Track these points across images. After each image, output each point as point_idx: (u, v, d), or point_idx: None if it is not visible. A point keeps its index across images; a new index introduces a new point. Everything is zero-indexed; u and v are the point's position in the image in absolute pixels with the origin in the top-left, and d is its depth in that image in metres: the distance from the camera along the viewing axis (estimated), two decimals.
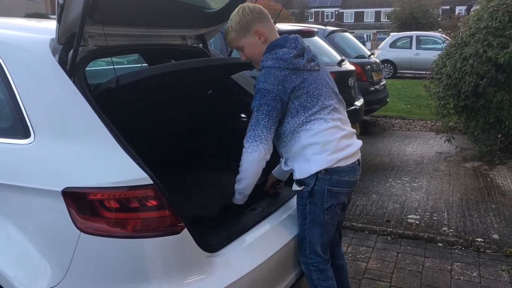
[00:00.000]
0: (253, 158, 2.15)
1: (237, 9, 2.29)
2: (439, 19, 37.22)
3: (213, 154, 3.18)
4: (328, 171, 2.19)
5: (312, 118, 2.18)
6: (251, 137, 2.14)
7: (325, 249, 2.35)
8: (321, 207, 2.25)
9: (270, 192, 2.68)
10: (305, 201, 2.29)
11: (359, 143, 2.32)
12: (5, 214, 1.87)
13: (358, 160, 2.32)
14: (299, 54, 2.22)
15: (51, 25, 2.45)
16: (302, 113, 2.17)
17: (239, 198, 2.37)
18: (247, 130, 2.17)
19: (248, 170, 2.21)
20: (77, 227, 1.73)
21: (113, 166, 1.78)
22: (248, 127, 2.17)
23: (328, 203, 2.24)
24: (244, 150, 2.18)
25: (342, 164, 2.21)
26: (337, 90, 2.40)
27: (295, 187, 2.32)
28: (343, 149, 2.22)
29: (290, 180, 2.53)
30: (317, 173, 2.19)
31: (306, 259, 2.35)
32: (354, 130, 2.38)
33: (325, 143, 2.18)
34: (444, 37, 14.23)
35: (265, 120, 2.13)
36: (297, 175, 2.28)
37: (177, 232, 1.81)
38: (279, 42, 2.26)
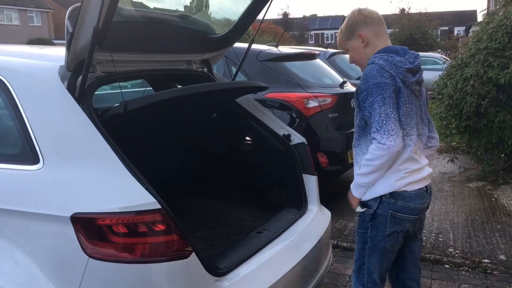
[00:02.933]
0: (392, 152, 2.02)
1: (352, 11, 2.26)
2: (438, 40, 37.51)
3: (218, 177, 3.19)
4: (393, 194, 2.13)
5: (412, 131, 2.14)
6: (386, 132, 2.01)
7: (383, 278, 2.27)
8: (383, 233, 2.17)
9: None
10: (367, 224, 2.21)
11: (429, 169, 2.27)
12: (13, 239, 1.87)
13: (427, 186, 2.25)
14: (413, 71, 2.18)
15: (57, 51, 2.50)
16: None
17: (361, 192, 2.20)
18: (375, 126, 2.04)
19: (384, 164, 2.07)
20: (86, 253, 1.73)
21: (121, 191, 1.79)
22: (376, 123, 2.04)
23: (390, 229, 2.16)
24: (379, 146, 2.02)
25: (409, 188, 2.14)
26: (429, 117, 2.38)
27: (358, 208, 2.25)
28: (412, 174, 2.15)
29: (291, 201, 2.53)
30: (381, 196, 2.13)
31: (364, 287, 2.27)
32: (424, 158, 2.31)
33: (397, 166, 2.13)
34: (444, 58, 14.36)
35: (394, 113, 2.04)
36: (361, 195, 2.23)
37: (185, 257, 1.81)
38: (398, 50, 2.20)
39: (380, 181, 2.14)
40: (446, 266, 3.85)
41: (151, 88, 3.44)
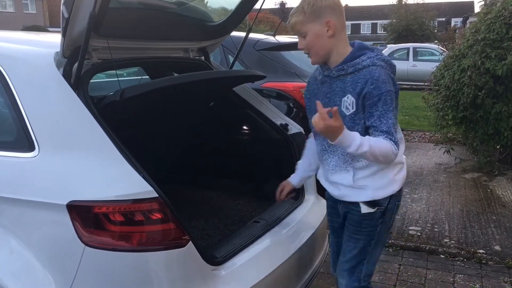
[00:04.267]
0: (393, 159, 1.98)
1: None
2: (435, 31, 37.47)
3: (215, 166, 3.18)
4: None
5: (400, 135, 2.07)
6: (396, 143, 1.95)
7: None
8: (386, 225, 2.18)
9: (282, 199, 2.52)
10: (376, 222, 2.13)
11: None
12: (8, 227, 1.86)
13: None
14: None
15: (52, 38, 2.46)
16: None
17: (349, 147, 1.92)
18: (392, 133, 1.95)
19: (382, 162, 1.99)
20: (82, 241, 1.72)
21: (118, 179, 1.78)
22: (391, 130, 1.95)
23: (392, 219, 2.18)
24: (393, 149, 1.92)
25: None
26: None
27: (366, 209, 2.12)
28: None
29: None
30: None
31: (359, 283, 2.22)
32: None
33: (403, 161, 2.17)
34: (441, 49, 14.34)
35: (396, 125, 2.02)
36: (372, 196, 2.10)
37: (182, 245, 1.80)
38: (369, 47, 2.08)
39: (393, 179, 2.12)
40: (442, 256, 3.87)
41: (147, 76, 3.42)
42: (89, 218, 1.73)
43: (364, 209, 2.12)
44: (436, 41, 23.02)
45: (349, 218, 2.21)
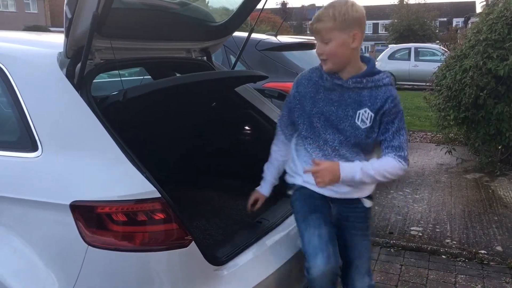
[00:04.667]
0: (402, 174, 2.12)
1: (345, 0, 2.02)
2: (437, 31, 37.42)
3: (217, 167, 3.18)
4: None
5: None
6: (407, 156, 2.10)
7: None
8: None
9: (251, 210, 2.50)
10: (370, 215, 2.32)
11: None
12: (12, 227, 1.86)
13: None
14: None
15: (55, 38, 2.47)
16: None
17: (355, 181, 2.10)
18: (403, 148, 2.09)
19: (391, 178, 2.13)
20: (85, 241, 1.73)
21: (121, 179, 1.78)
22: (402, 145, 2.09)
23: None
24: (401, 166, 2.06)
25: None
26: None
27: (369, 204, 2.30)
28: None
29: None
30: None
31: (370, 279, 2.26)
32: None
33: None
34: (443, 49, 14.33)
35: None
36: (370, 190, 2.29)
37: (185, 246, 1.81)
38: None
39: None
40: (443, 256, 3.87)
41: (149, 76, 3.42)
42: (92, 218, 1.73)
43: (368, 203, 2.25)
44: (438, 41, 22.97)
45: (353, 218, 2.26)
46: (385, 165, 2.07)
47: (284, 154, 2.42)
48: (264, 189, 2.48)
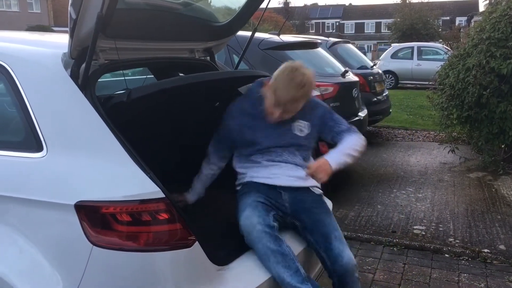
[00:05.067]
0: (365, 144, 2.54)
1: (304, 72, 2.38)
2: (440, 29, 37.35)
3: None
4: None
5: None
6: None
7: None
8: None
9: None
10: (324, 201, 2.59)
11: None
12: (17, 227, 1.87)
13: None
14: None
15: (59, 38, 2.48)
16: None
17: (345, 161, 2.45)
18: (350, 126, 2.56)
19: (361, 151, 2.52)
20: (90, 241, 1.74)
21: (125, 180, 1.79)
22: (347, 125, 2.57)
23: None
24: (361, 137, 2.53)
25: None
26: None
27: (318, 191, 2.59)
28: None
29: None
30: None
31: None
32: None
33: None
34: (446, 48, 14.29)
35: None
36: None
37: (188, 246, 1.82)
38: None
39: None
40: (446, 255, 3.87)
41: (152, 75, 3.43)
42: (96, 218, 1.74)
43: (318, 191, 2.59)
44: (441, 40, 22.94)
45: (309, 201, 2.48)
46: (351, 142, 2.47)
47: (214, 173, 2.74)
48: (191, 197, 2.72)
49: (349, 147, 2.46)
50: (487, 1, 6.89)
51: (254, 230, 2.19)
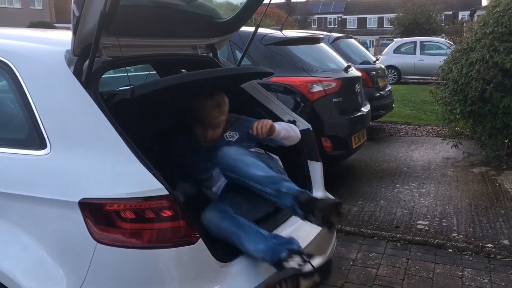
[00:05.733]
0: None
1: None
2: (442, 24, 37.23)
3: None
4: None
5: None
6: None
7: None
8: None
9: None
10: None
11: None
12: (21, 224, 1.88)
13: None
14: None
15: (62, 35, 2.48)
16: None
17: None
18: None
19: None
20: (94, 238, 1.75)
21: (129, 177, 1.79)
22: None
23: None
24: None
25: None
26: None
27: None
28: None
29: None
30: None
31: None
32: None
33: None
34: (448, 43, 14.25)
35: None
36: None
37: (192, 243, 1.82)
38: None
39: None
40: (450, 250, 3.87)
41: (155, 72, 3.43)
42: (100, 215, 1.75)
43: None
44: (443, 34, 22.87)
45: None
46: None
47: None
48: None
49: (286, 125, 2.67)
50: None
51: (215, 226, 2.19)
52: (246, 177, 2.25)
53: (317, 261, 1.97)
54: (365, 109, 5.84)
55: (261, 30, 5.33)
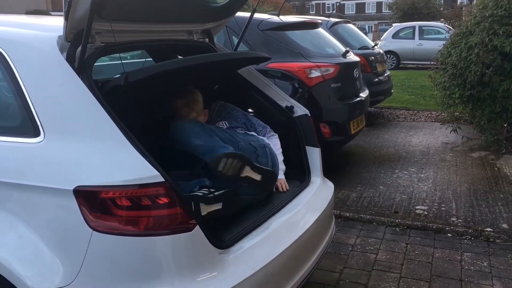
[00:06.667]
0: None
1: None
2: (441, 9, 36.98)
3: None
4: None
5: None
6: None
7: None
8: None
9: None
10: None
11: None
12: (16, 213, 1.86)
13: None
14: None
15: (55, 21, 2.44)
16: None
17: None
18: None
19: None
20: (89, 226, 1.73)
21: (124, 164, 1.77)
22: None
23: None
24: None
25: None
26: None
27: None
28: None
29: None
30: None
31: None
32: None
33: None
34: (447, 27, 14.16)
35: None
36: None
37: (189, 230, 1.81)
38: None
39: None
40: (449, 235, 3.87)
41: (151, 59, 3.39)
42: (96, 203, 1.73)
43: None
44: (443, 19, 22.72)
45: None
46: (276, 146, 2.76)
47: None
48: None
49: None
50: None
51: None
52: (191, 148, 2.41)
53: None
54: (364, 94, 5.81)
55: (258, 15, 5.29)
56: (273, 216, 2.36)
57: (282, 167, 2.73)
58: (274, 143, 2.76)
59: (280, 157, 2.74)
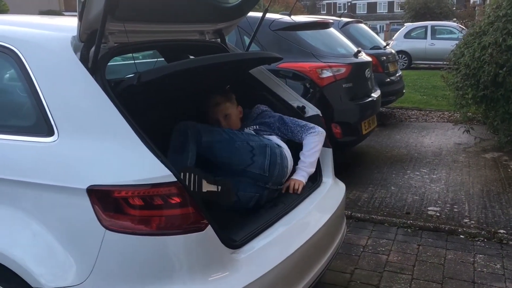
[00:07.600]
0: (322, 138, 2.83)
1: None
2: (454, 8, 36.69)
3: None
4: None
5: None
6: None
7: None
8: None
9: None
10: None
11: None
12: (30, 211, 1.88)
13: None
14: None
15: (69, 22, 2.46)
16: None
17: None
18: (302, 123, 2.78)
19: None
20: (102, 225, 1.74)
21: (137, 164, 1.78)
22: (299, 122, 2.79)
23: None
24: (317, 133, 2.77)
25: None
26: None
27: None
28: None
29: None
30: None
31: None
32: None
33: None
34: (460, 27, 14.05)
35: None
36: None
37: (201, 229, 1.81)
38: None
39: None
40: (461, 236, 3.83)
41: (163, 59, 3.41)
42: (109, 202, 1.74)
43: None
44: (455, 19, 22.56)
45: None
46: (312, 148, 2.74)
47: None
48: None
49: (309, 153, 2.76)
50: None
51: None
52: None
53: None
54: (375, 94, 5.78)
55: (269, 15, 5.29)
56: (285, 216, 2.36)
57: (308, 170, 2.73)
58: (306, 142, 2.74)
59: (309, 158, 2.72)
